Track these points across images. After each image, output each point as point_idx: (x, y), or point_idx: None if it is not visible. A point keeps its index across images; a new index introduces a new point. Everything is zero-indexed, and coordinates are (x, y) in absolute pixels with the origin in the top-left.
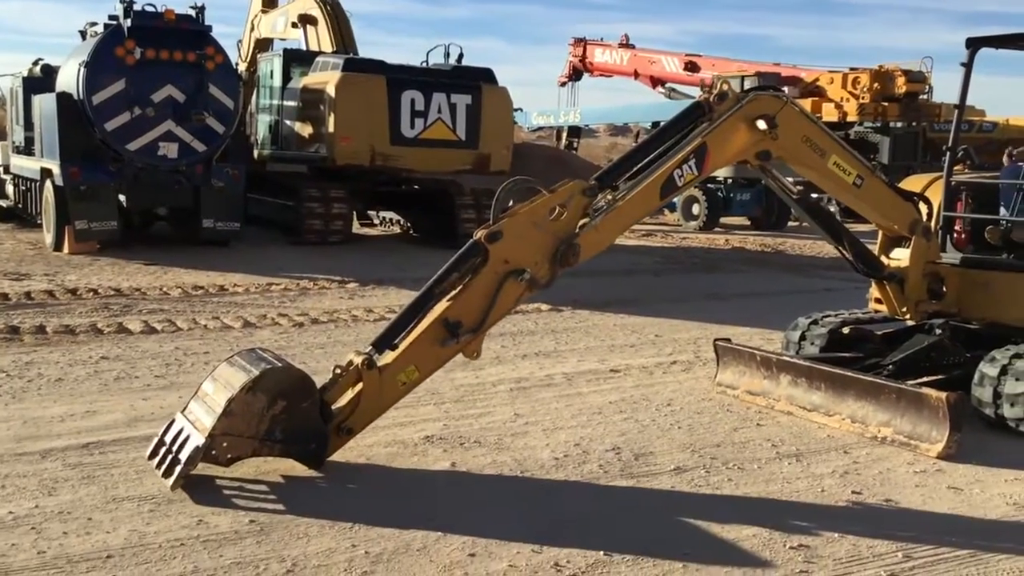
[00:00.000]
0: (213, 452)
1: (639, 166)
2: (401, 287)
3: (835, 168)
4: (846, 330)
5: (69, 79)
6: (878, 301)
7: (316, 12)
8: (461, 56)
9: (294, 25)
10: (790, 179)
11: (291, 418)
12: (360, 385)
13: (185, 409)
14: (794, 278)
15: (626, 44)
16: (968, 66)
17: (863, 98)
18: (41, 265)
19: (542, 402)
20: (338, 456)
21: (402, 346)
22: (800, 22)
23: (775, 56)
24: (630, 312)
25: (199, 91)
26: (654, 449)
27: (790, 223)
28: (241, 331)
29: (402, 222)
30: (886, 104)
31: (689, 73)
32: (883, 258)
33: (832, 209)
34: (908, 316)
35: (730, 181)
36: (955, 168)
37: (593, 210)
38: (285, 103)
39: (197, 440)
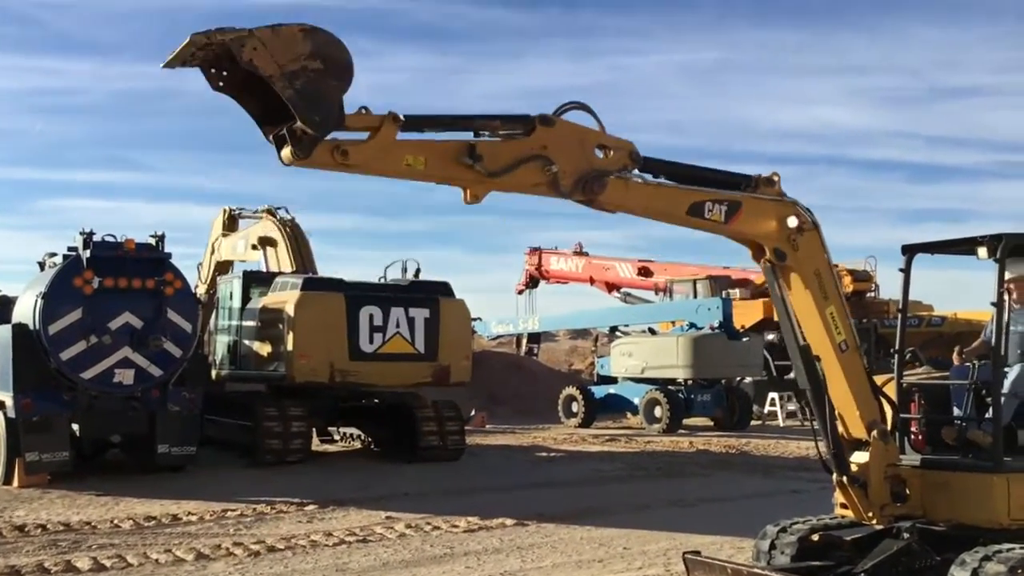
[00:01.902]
0: (243, 45)
1: (680, 177)
2: (362, 507)
3: (830, 318)
4: (815, 537)
5: (26, 310)
6: (843, 506)
7: (276, 234)
8: (418, 271)
9: (254, 247)
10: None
11: (318, 81)
12: (374, 136)
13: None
14: (760, 481)
15: (580, 252)
16: (906, 271)
17: None
18: None
19: None
20: None
21: (427, 136)
22: None
23: (724, 256)
24: (597, 523)
25: (157, 317)
26: None
27: (753, 422)
28: (193, 563)
29: (363, 437)
30: None
31: (643, 278)
32: None
33: None
34: (875, 520)
35: (690, 382)
36: (908, 368)
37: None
38: (244, 323)
39: (235, 29)
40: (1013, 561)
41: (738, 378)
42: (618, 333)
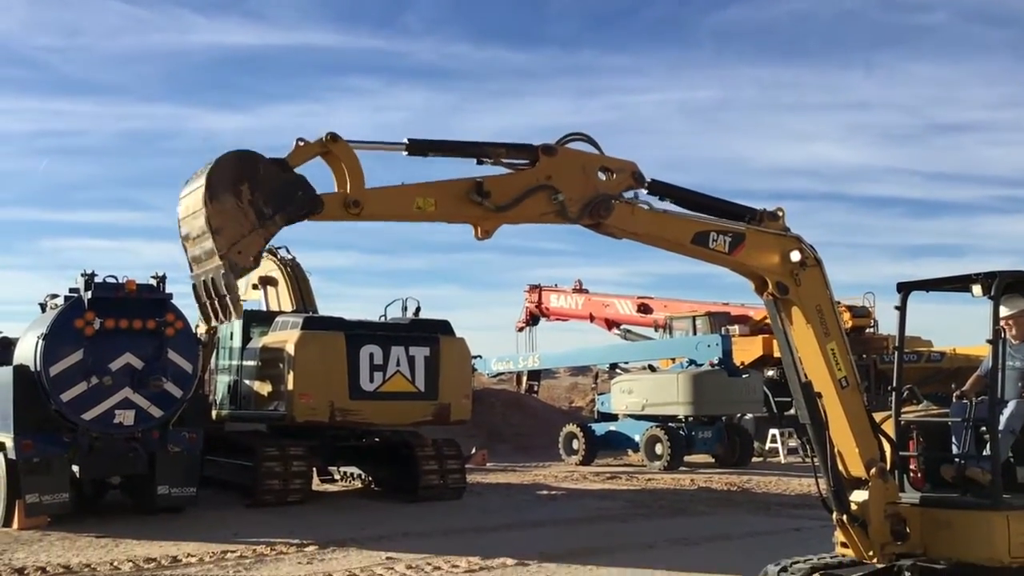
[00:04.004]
0: (238, 265)
1: (686, 203)
2: (362, 547)
3: (831, 354)
4: None
5: (27, 351)
6: (844, 545)
7: (277, 274)
8: (418, 309)
9: (255, 287)
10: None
11: (262, 191)
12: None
13: (191, 270)
14: (762, 518)
15: (580, 289)
16: (902, 309)
17: None
18: None
19: None
20: None
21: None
22: None
23: (722, 292)
24: (599, 562)
25: (158, 357)
26: None
27: (754, 459)
28: None
29: (363, 476)
30: None
31: (642, 315)
32: None
33: None
34: (875, 559)
35: (691, 419)
36: (907, 405)
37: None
38: (244, 363)
39: (219, 270)
40: None
41: (738, 415)
42: (618, 370)
